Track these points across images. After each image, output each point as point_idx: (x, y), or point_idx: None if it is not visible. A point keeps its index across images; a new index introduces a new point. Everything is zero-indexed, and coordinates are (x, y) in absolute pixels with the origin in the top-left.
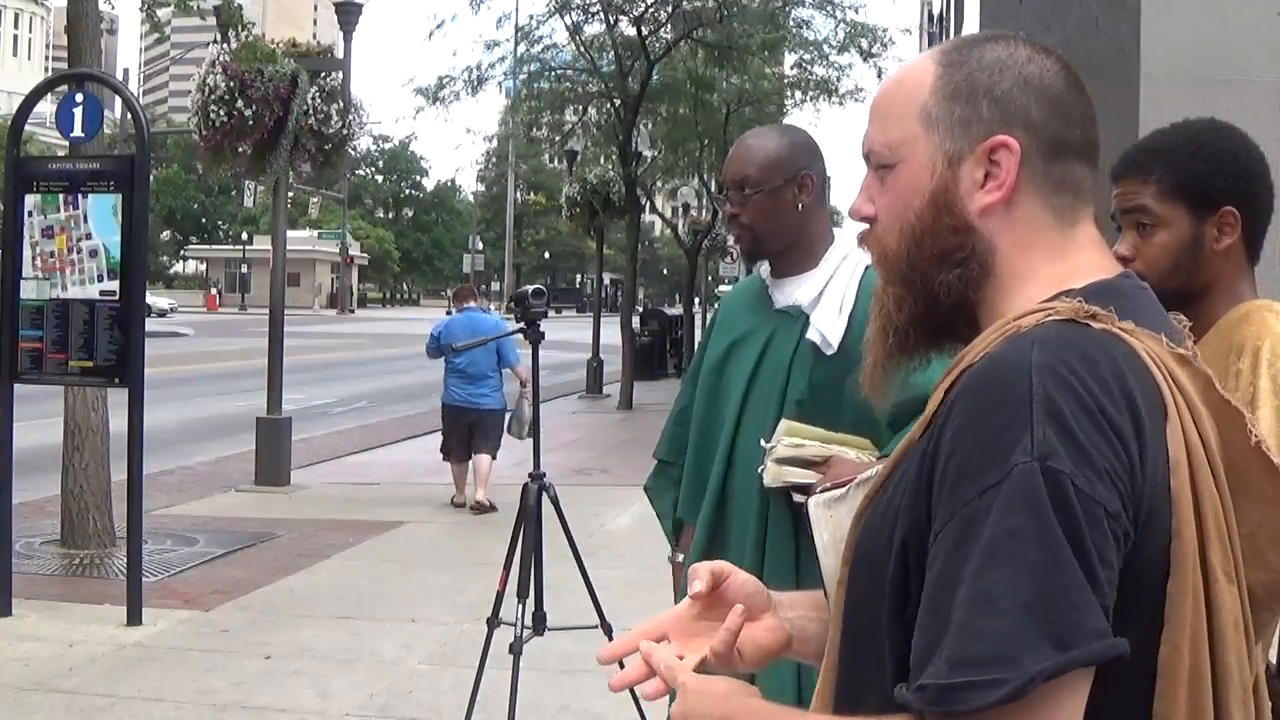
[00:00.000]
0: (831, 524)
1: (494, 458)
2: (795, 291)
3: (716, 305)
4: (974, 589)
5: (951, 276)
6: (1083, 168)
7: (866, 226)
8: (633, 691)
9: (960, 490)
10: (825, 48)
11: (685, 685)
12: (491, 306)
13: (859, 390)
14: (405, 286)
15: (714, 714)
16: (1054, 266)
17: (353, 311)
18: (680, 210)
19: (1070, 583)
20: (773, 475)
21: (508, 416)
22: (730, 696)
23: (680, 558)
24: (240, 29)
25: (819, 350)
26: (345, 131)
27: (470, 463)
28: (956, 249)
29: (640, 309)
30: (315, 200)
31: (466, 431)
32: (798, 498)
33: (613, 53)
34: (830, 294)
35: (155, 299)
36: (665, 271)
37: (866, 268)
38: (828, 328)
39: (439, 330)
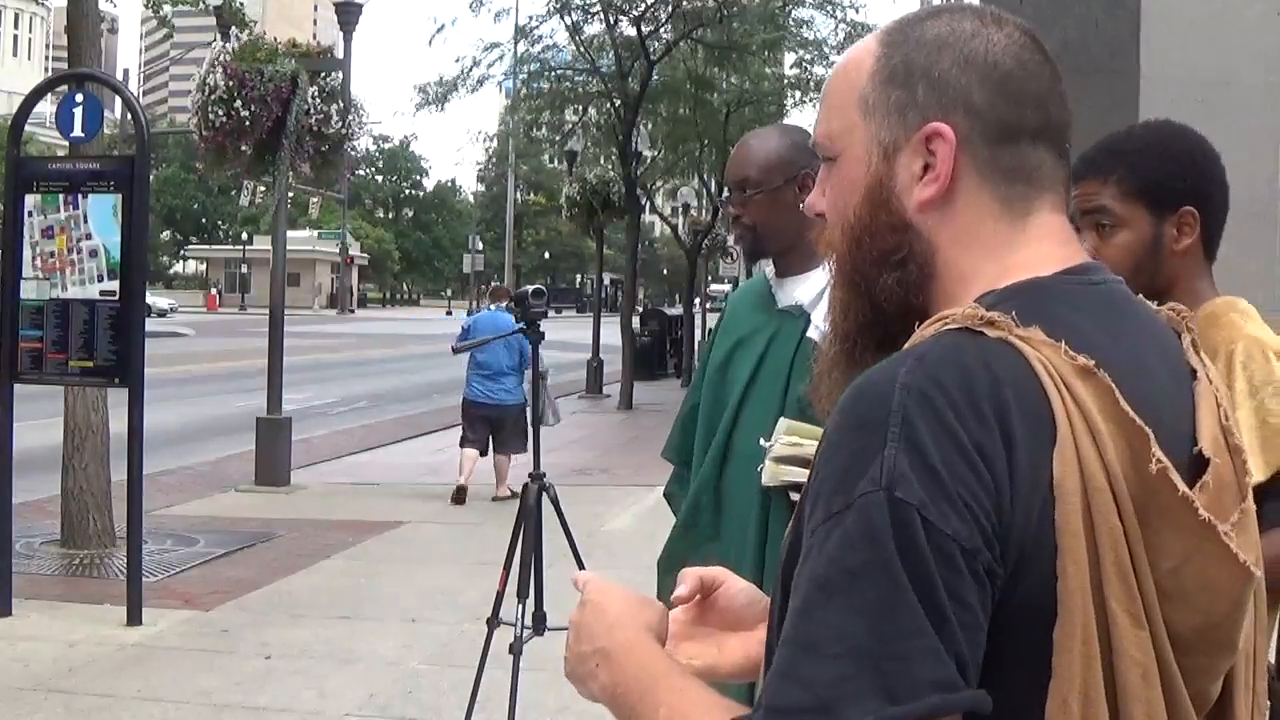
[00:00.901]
0: None
1: (522, 450)
2: (797, 290)
3: (724, 304)
4: (800, 630)
5: (891, 280)
6: (1039, 151)
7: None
8: None
9: (811, 518)
10: (825, 48)
11: (586, 594)
12: (491, 307)
13: (808, 403)
14: (405, 287)
15: (596, 641)
16: (996, 264)
17: (353, 312)
18: (680, 210)
19: (908, 628)
20: (771, 474)
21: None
22: (615, 630)
23: None
24: (242, 27)
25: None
26: (345, 131)
27: (478, 455)
28: (894, 249)
29: (640, 309)
30: (315, 200)
31: (486, 426)
32: (795, 496)
33: (613, 53)
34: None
35: (155, 299)
36: (665, 271)
37: None
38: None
39: (468, 325)
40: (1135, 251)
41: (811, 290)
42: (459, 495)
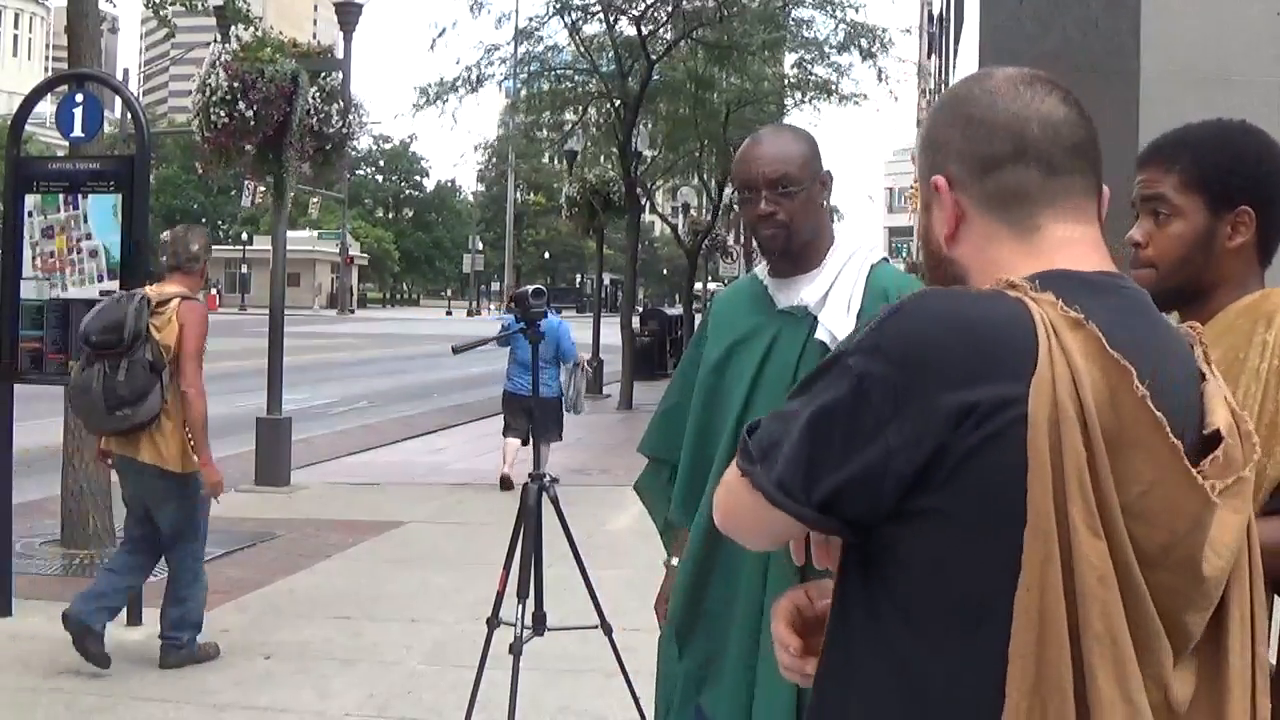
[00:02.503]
0: None
1: (559, 439)
2: (802, 292)
3: (708, 305)
4: (788, 407)
5: None
6: (1021, 169)
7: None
8: (632, 691)
9: None
10: (825, 48)
11: None
12: (491, 306)
13: None
14: (405, 287)
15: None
16: (1026, 272)
17: (353, 312)
18: (680, 210)
19: (814, 453)
20: None
21: (564, 396)
22: None
23: (675, 561)
24: (246, 25)
25: (828, 349)
26: (345, 131)
27: (520, 444)
28: (942, 279)
29: (640, 309)
30: (315, 200)
31: (526, 416)
32: None
33: (613, 52)
34: (837, 293)
35: None
36: (665, 271)
37: (872, 267)
38: (837, 327)
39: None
40: (1187, 242)
41: (817, 292)
42: (505, 483)
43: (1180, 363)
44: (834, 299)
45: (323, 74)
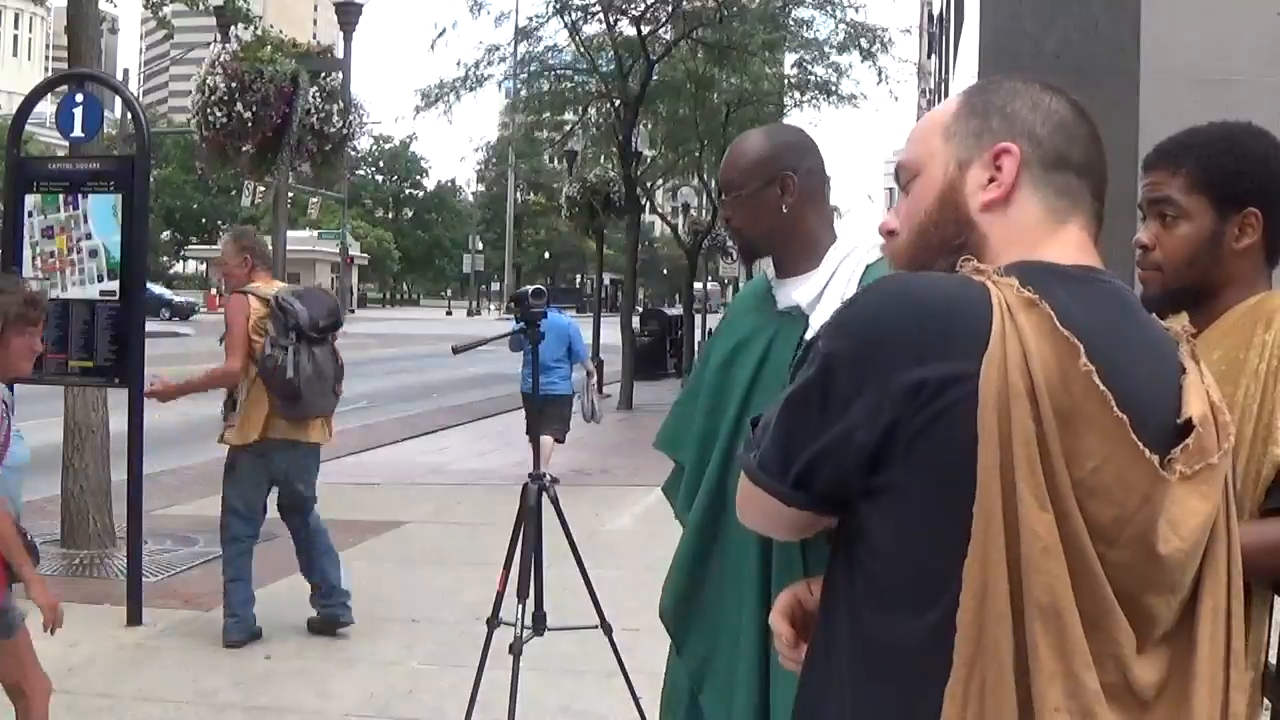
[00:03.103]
0: None
1: (560, 440)
2: (795, 292)
3: (725, 303)
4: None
5: (946, 265)
6: (1079, 181)
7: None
8: (632, 691)
9: None
10: (825, 48)
11: None
12: (491, 306)
13: None
14: (405, 286)
15: None
16: (1022, 256)
17: (353, 312)
18: (680, 210)
19: (790, 431)
20: None
21: (580, 404)
22: None
23: None
24: (246, 24)
25: None
26: (345, 131)
27: (550, 440)
28: (954, 237)
29: (640, 309)
30: (315, 201)
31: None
32: None
33: (612, 52)
34: (831, 294)
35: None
36: (665, 271)
37: (868, 266)
38: None
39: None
40: (1194, 244)
41: (810, 292)
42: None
43: (1154, 353)
44: (827, 300)
45: (323, 74)
